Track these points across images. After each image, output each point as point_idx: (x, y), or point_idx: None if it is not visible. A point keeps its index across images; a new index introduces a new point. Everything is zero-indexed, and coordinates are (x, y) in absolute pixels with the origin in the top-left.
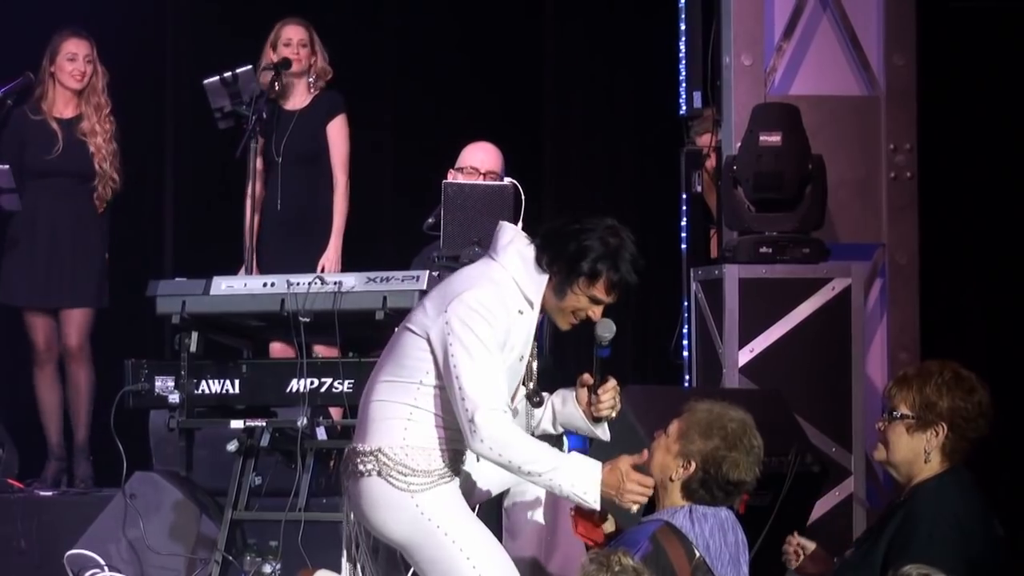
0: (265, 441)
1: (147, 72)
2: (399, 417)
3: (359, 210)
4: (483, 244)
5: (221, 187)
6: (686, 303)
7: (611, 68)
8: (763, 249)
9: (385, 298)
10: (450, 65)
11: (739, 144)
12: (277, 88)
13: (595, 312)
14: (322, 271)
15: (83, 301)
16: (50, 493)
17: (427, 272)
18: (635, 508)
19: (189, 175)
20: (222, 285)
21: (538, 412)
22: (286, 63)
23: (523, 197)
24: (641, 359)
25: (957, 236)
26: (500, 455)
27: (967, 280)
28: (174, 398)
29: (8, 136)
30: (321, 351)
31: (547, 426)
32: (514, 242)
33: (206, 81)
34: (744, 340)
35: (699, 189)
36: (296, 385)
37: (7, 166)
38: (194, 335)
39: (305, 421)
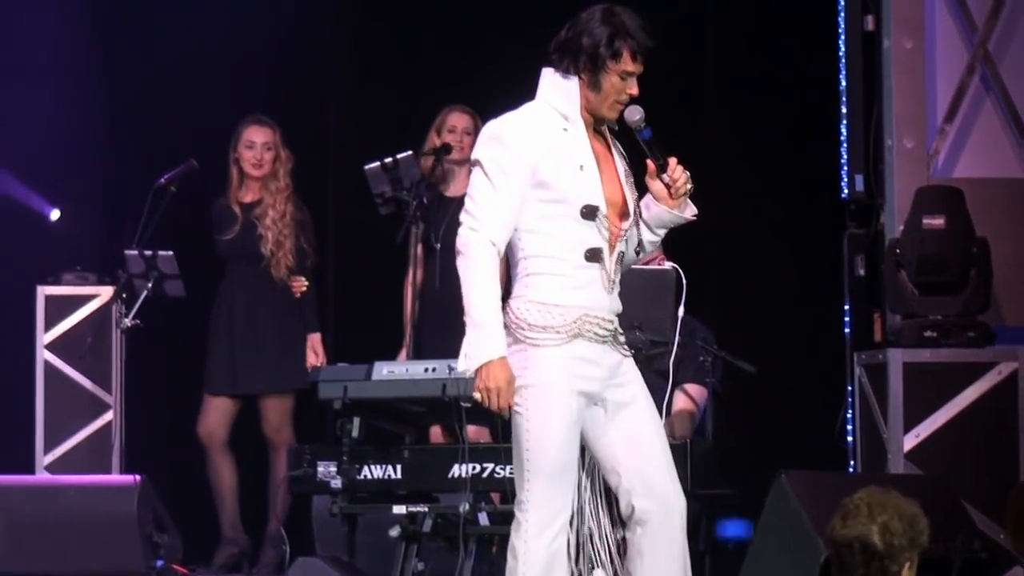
0: (427, 527)
1: (309, 157)
2: (521, 270)
3: None
4: (644, 328)
5: (382, 272)
6: (850, 387)
7: (772, 150)
8: (927, 333)
9: None
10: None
11: (902, 227)
12: (437, 173)
13: (633, 87)
14: None
15: (274, 386)
16: None
17: None
18: (476, 396)
19: (350, 260)
20: (383, 370)
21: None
22: (446, 148)
23: (684, 281)
24: (804, 444)
25: None
26: (461, 272)
27: None
28: (336, 483)
29: (214, 227)
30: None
31: (646, 235)
32: (546, 76)
33: (367, 166)
34: (909, 425)
35: (862, 273)
36: (458, 470)
37: (171, 252)
38: (356, 420)
39: (467, 506)
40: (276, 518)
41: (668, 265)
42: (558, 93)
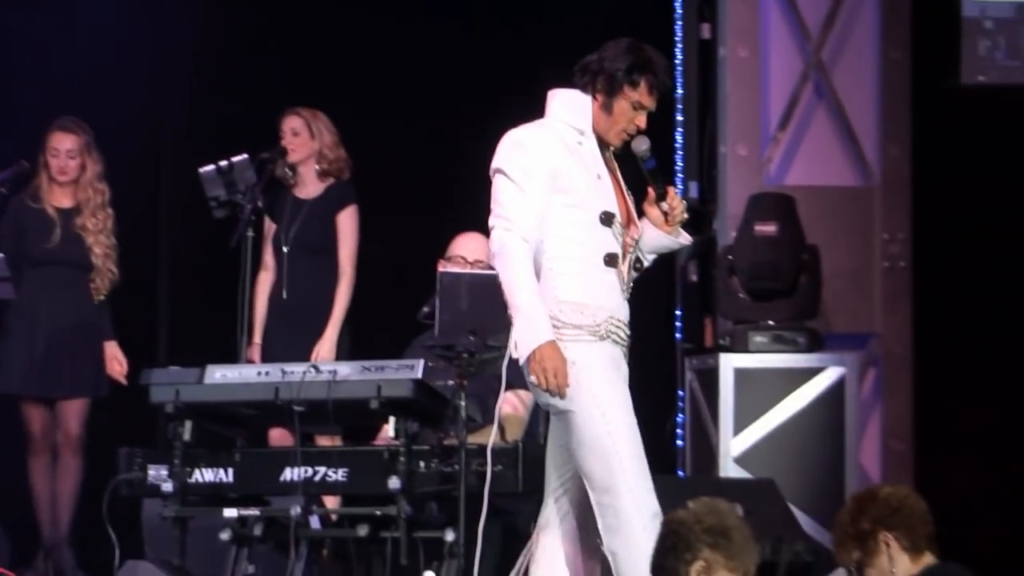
0: (258, 530)
1: (142, 158)
2: (546, 272)
3: (355, 298)
4: (478, 332)
5: (215, 276)
6: (680, 392)
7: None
8: (758, 338)
9: (380, 387)
10: (448, 159)
11: (735, 234)
12: (280, 175)
13: (642, 120)
14: (315, 360)
15: (81, 390)
16: None
17: (422, 361)
18: (533, 381)
19: (184, 263)
20: (216, 374)
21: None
22: (281, 151)
23: None
24: None
25: (952, 325)
26: (500, 270)
27: (962, 369)
28: (167, 487)
29: (7, 223)
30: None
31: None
32: (556, 96)
33: (202, 170)
34: (738, 429)
35: (694, 278)
36: (290, 474)
37: (2, 255)
38: (188, 424)
39: (299, 510)
40: (69, 518)
41: None
42: (571, 110)
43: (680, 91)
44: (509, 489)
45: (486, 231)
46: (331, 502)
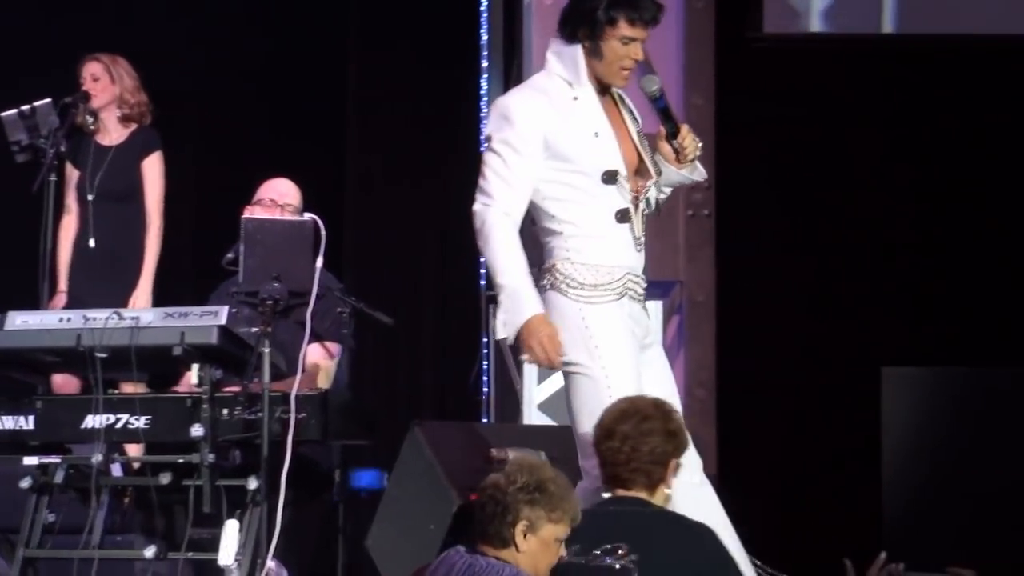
0: (59, 478)
1: None
2: (557, 235)
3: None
4: (283, 279)
5: (19, 221)
6: (485, 339)
7: (414, 102)
8: None
9: (183, 333)
10: (253, 102)
11: None
12: (80, 122)
13: (636, 51)
14: None
15: None
16: None
17: (226, 308)
18: (525, 359)
19: None
20: (17, 320)
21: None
22: (84, 96)
23: (324, 232)
24: (440, 395)
25: (754, 273)
26: (482, 248)
27: (764, 317)
28: None
29: None
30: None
31: (655, 193)
32: (551, 46)
33: (3, 114)
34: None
35: None
36: (92, 421)
37: None
38: None
39: (100, 458)
40: None
41: (307, 216)
42: (563, 61)
43: (485, 37)
44: (313, 436)
45: (292, 177)
46: (134, 450)
